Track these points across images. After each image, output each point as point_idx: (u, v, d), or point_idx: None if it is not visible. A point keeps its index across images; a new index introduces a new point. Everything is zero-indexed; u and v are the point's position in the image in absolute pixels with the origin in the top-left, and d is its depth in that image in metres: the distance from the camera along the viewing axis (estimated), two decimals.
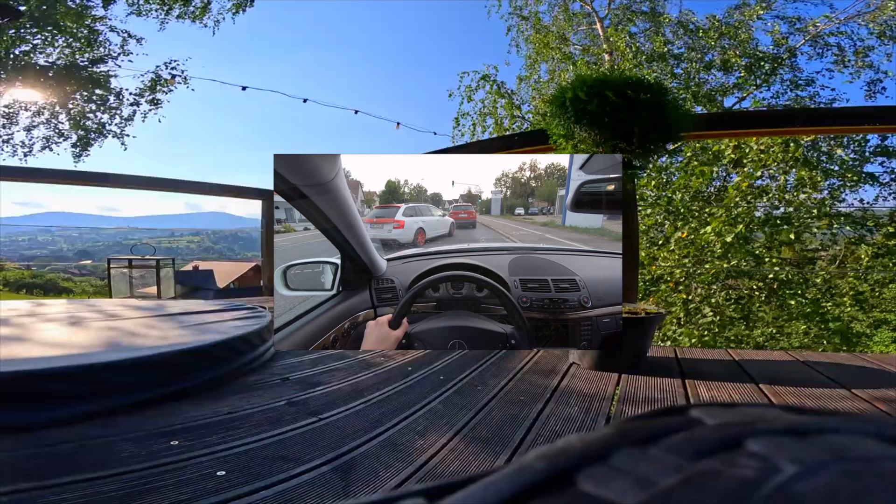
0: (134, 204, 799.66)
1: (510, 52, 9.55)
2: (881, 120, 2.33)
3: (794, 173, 5.79)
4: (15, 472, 0.85)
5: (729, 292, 5.94)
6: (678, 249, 5.94)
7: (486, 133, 8.31)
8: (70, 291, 35.98)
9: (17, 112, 8.60)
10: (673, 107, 1.79)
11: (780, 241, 5.69)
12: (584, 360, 1.75)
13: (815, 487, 0.14)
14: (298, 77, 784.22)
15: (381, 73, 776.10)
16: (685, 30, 8.03)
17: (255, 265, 21.38)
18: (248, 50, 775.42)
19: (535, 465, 0.17)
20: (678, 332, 5.84)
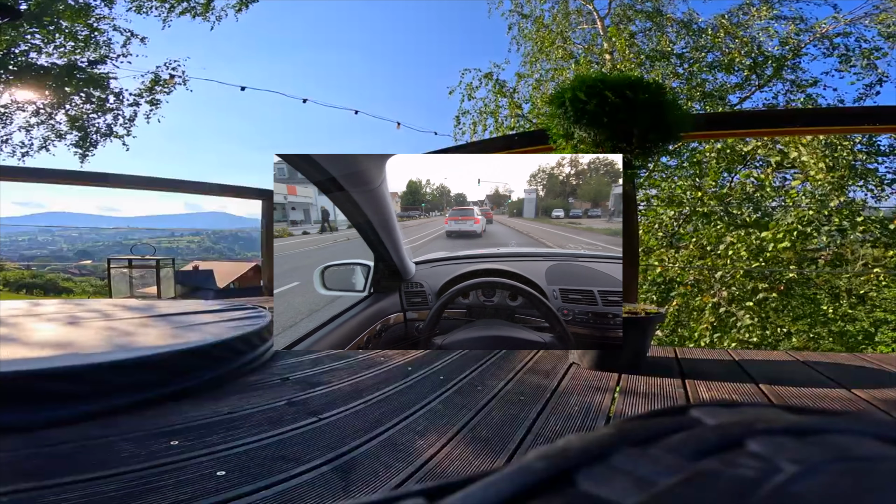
0: (134, 204, 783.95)
1: (510, 50, 9.55)
2: (881, 120, 2.33)
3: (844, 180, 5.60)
4: (15, 472, 0.85)
5: (765, 294, 5.58)
6: (696, 250, 5.83)
7: (487, 132, 8.31)
8: (70, 291, 35.98)
9: (14, 112, 8.61)
10: (672, 107, 1.79)
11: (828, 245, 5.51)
12: (584, 360, 1.75)
13: (815, 487, 0.14)
14: (298, 77, 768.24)
15: (381, 73, 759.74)
16: (687, 30, 8.03)
17: (255, 265, 21.38)
18: (248, 50, 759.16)
19: (535, 465, 0.17)
20: (714, 335, 5.48)
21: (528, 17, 9.17)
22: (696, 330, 5.68)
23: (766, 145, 6.13)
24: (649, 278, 6.12)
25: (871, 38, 7.28)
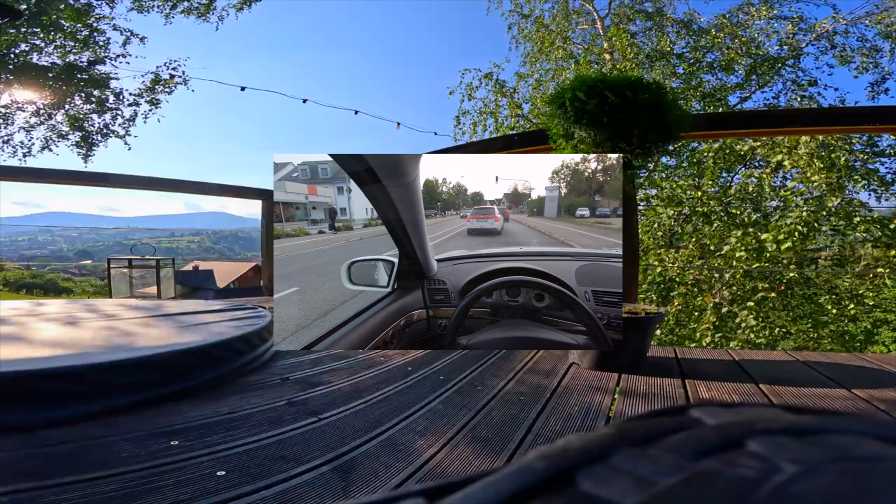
0: (134, 204, 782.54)
1: (510, 49, 9.55)
2: (881, 120, 2.33)
3: (843, 180, 5.57)
4: (15, 472, 0.85)
5: (766, 294, 5.56)
6: (696, 250, 5.82)
7: (487, 132, 8.31)
8: (70, 291, 35.98)
9: (15, 112, 8.61)
10: (672, 107, 1.79)
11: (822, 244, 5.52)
12: (584, 360, 1.75)
13: (814, 487, 0.14)
14: (298, 77, 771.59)
15: (381, 73, 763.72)
16: (687, 30, 8.03)
17: (255, 265, 21.37)
18: (248, 50, 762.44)
19: (535, 465, 0.17)
20: (716, 335, 5.46)
21: (528, 16, 9.17)
22: (697, 330, 5.68)
23: (765, 145, 6.13)
24: (649, 278, 6.12)
25: (871, 37, 7.30)
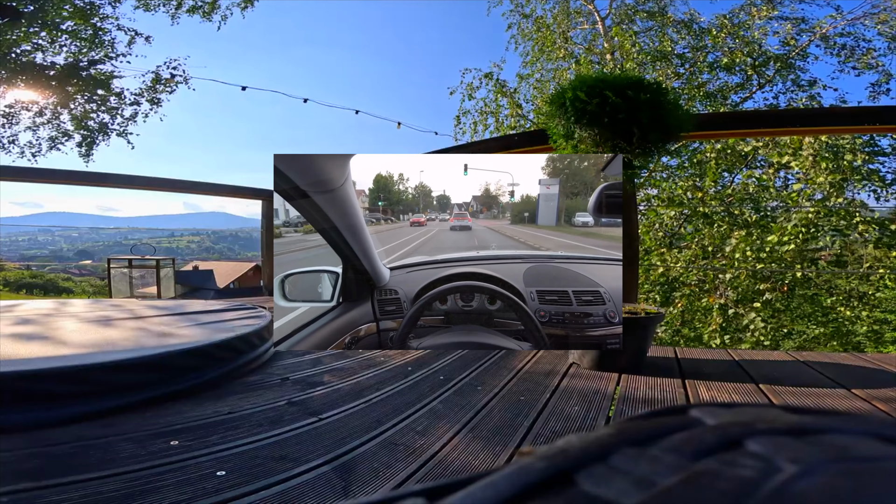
0: (134, 204, 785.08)
1: (509, 49, 9.54)
2: (881, 120, 2.33)
3: (849, 182, 5.53)
4: (15, 472, 0.85)
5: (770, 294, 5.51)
6: (698, 250, 5.81)
7: (488, 132, 8.31)
8: (70, 291, 36.00)
9: (20, 112, 8.61)
10: (673, 106, 1.78)
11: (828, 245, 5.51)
12: (584, 360, 1.75)
13: (814, 487, 0.14)
14: (299, 77, 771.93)
15: (381, 73, 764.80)
16: (688, 30, 8.03)
17: (255, 265, 21.37)
18: (248, 49, 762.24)
19: (535, 465, 0.17)
20: (724, 337, 5.42)
21: (529, 16, 9.17)
22: (703, 332, 5.65)
23: (766, 145, 6.13)
24: (651, 278, 6.11)
25: (871, 37, 7.29)
